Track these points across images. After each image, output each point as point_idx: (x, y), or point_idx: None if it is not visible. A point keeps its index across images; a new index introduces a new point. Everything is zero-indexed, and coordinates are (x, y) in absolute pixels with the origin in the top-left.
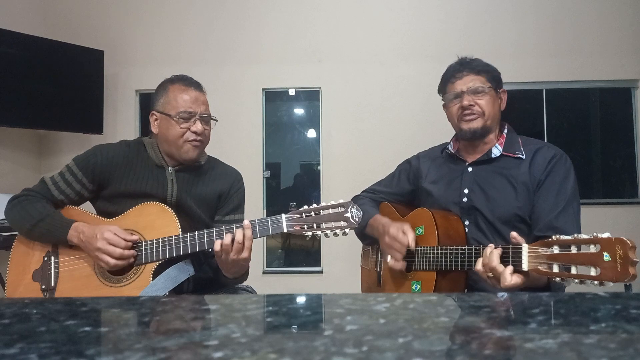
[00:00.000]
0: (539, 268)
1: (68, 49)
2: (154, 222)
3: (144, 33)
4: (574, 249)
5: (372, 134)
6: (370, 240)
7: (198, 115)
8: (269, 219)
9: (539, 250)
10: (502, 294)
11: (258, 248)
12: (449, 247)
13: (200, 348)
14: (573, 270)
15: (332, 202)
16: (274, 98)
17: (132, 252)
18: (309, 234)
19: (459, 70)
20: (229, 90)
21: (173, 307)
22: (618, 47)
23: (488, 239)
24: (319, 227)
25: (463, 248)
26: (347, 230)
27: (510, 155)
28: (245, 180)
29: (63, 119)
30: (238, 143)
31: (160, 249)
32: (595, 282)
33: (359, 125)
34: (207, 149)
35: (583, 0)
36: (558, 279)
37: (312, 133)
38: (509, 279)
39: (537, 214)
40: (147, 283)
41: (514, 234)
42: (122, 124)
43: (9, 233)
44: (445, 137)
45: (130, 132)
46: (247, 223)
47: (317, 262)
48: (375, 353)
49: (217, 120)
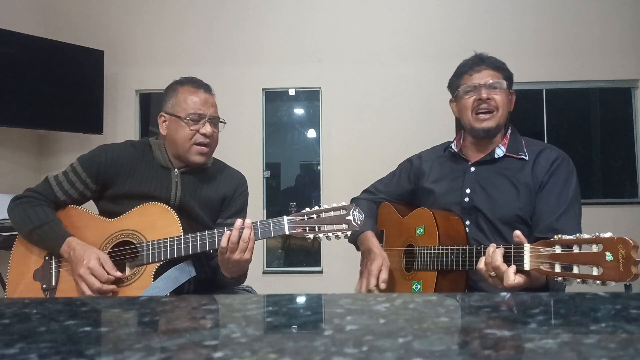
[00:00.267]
0: (541, 267)
1: (68, 49)
2: (156, 222)
3: (144, 33)
4: (576, 249)
5: (372, 134)
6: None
7: (207, 118)
8: (271, 221)
9: (541, 250)
10: (502, 294)
11: (258, 248)
12: (450, 246)
13: (200, 348)
14: (575, 270)
15: (334, 204)
16: (274, 98)
17: (111, 287)
18: (311, 237)
19: (478, 64)
20: (229, 90)
21: (173, 307)
22: (618, 47)
23: (488, 239)
24: (321, 229)
25: (464, 248)
26: (348, 233)
27: (514, 156)
28: None
29: (63, 119)
30: (238, 143)
31: (162, 250)
32: (598, 281)
33: (359, 125)
34: None
35: (583, 0)
36: (560, 279)
37: (312, 133)
38: (512, 278)
39: (538, 216)
40: (148, 283)
41: (518, 233)
42: (122, 124)
43: (9, 233)
44: (445, 137)
45: (130, 132)
46: (248, 222)
47: (317, 262)
48: (375, 353)
49: (225, 123)
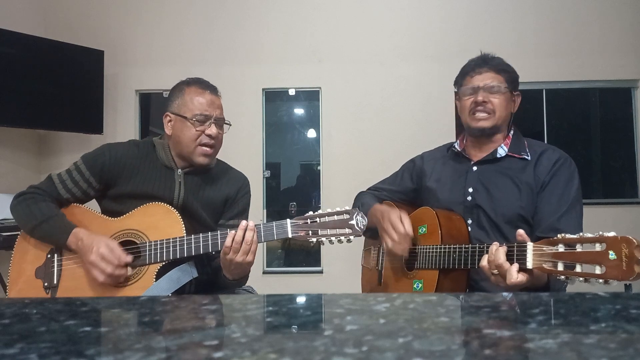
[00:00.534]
0: (544, 266)
1: (68, 49)
2: (159, 222)
3: (144, 33)
4: (579, 248)
5: (372, 134)
6: (371, 233)
7: (213, 119)
8: (274, 224)
9: (544, 249)
10: (502, 294)
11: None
12: (452, 245)
13: (200, 348)
14: (578, 269)
15: (337, 208)
16: (274, 98)
17: (123, 271)
18: (314, 240)
19: (480, 66)
20: (229, 90)
21: (173, 307)
22: (618, 47)
23: (490, 239)
24: (324, 233)
25: (467, 246)
26: (351, 238)
27: (516, 156)
28: None
29: (63, 119)
30: (238, 143)
31: (164, 250)
32: (600, 280)
33: (359, 125)
34: None
35: (583, 0)
36: (562, 277)
37: (312, 133)
38: (515, 276)
39: (540, 216)
40: (150, 284)
41: (520, 232)
42: (122, 124)
43: (9, 233)
44: (445, 136)
45: (130, 132)
46: (252, 224)
47: (317, 262)
48: (375, 353)
49: (230, 125)
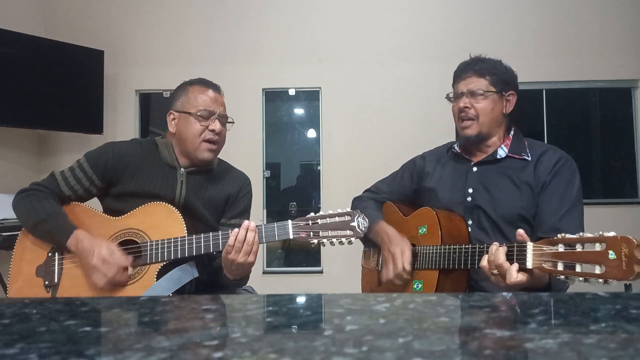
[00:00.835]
0: (544, 266)
1: (68, 49)
2: (160, 222)
3: (144, 33)
4: (579, 248)
5: (372, 134)
6: (372, 244)
7: (217, 115)
8: (276, 225)
9: (544, 248)
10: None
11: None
12: (453, 245)
13: (200, 348)
14: (578, 269)
15: (338, 210)
16: (274, 98)
17: (125, 276)
18: (315, 242)
19: (464, 71)
20: (229, 90)
21: (173, 307)
22: (618, 47)
23: (491, 239)
24: (325, 235)
25: (467, 247)
26: (352, 239)
27: (516, 157)
28: None
29: (63, 119)
30: (238, 143)
31: (165, 250)
32: (600, 280)
33: (359, 125)
34: None
35: (583, 0)
36: (562, 277)
37: (312, 133)
38: (515, 276)
39: (541, 216)
40: (151, 283)
41: (520, 231)
42: (122, 124)
43: (9, 233)
44: (445, 136)
45: (130, 132)
46: (253, 225)
47: (317, 262)
48: (375, 353)
49: (233, 122)
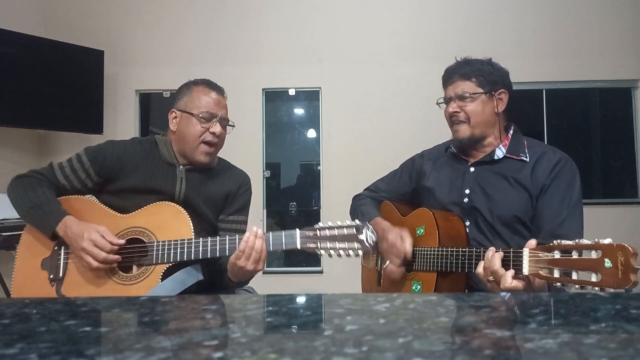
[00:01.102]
0: (540, 273)
1: (68, 49)
2: (168, 222)
3: (144, 33)
4: (575, 254)
5: (372, 134)
6: None
7: (218, 118)
8: (283, 234)
9: (540, 255)
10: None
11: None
12: (450, 248)
13: (200, 348)
14: (574, 276)
15: (347, 222)
16: (274, 98)
17: (116, 257)
18: (322, 252)
19: (450, 76)
20: (229, 90)
21: (173, 307)
22: (618, 47)
23: (489, 240)
24: (333, 246)
25: (464, 250)
26: (359, 252)
27: (514, 157)
28: None
29: (63, 119)
30: (238, 143)
31: (172, 252)
32: (596, 288)
33: (359, 125)
34: None
35: (583, 0)
36: (559, 284)
37: (312, 133)
38: (510, 282)
39: (540, 221)
40: (155, 284)
41: (532, 242)
42: (122, 124)
43: (9, 233)
44: (445, 137)
45: (130, 132)
46: (260, 233)
47: (317, 262)
48: (375, 353)
49: (234, 126)
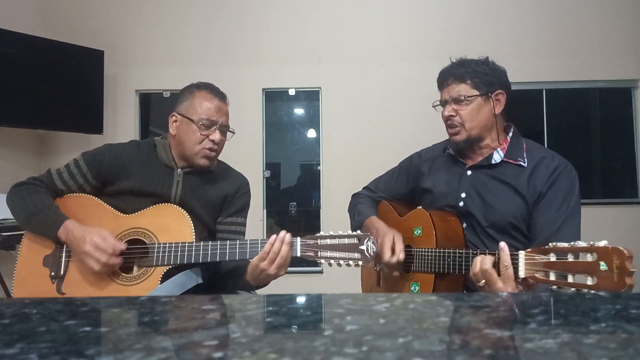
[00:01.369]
0: (536, 275)
1: (68, 49)
2: (170, 225)
3: (144, 33)
4: (571, 257)
5: (372, 134)
6: None
7: (219, 125)
8: None
9: (536, 258)
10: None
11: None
12: (446, 250)
13: (200, 348)
14: (570, 279)
15: (348, 232)
16: (274, 98)
17: (118, 260)
18: (322, 261)
19: (444, 78)
20: (229, 90)
21: (173, 307)
22: (618, 47)
23: (484, 244)
24: (333, 256)
25: (460, 252)
26: (360, 263)
27: (512, 162)
28: None
29: (63, 119)
30: (238, 143)
31: (172, 254)
32: (592, 291)
33: (359, 125)
34: None
35: (583, 0)
36: (555, 287)
37: (312, 133)
38: (501, 285)
39: (536, 228)
40: (155, 285)
41: (502, 245)
42: (122, 124)
43: (9, 233)
44: (445, 137)
45: (130, 132)
46: (288, 238)
47: (317, 262)
48: (375, 353)
49: (234, 133)
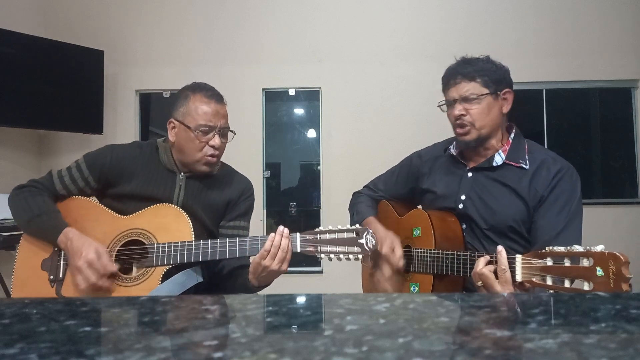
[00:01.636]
0: (533, 280)
1: (68, 49)
2: (169, 225)
3: (144, 33)
4: (568, 262)
5: (372, 134)
6: None
7: (217, 129)
8: None
9: (532, 262)
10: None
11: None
12: (445, 252)
13: (200, 348)
14: (566, 284)
15: (347, 226)
16: (274, 98)
17: (107, 283)
18: (322, 256)
19: (453, 77)
20: (229, 90)
21: (173, 307)
22: (618, 47)
23: (483, 246)
24: (333, 250)
25: (459, 254)
26: (359, 257)
27: (513, 164)
28: None
29: (63, 119)
30: (238, 143)
31: (172, 254)
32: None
33: (359, 125)
34: None
35: (583, 0)
36: (551, 292)
37: (312, 133)
38: (499, 289)
39: (537, 232)
40: (155, 285)
41: (499, 248)
42: (122, 124)
43: (9, 233)
44: (445, 137)
45: (130, 132)
46: (286, 232)
47: (317, 262)
48: (375, 353)
49: (235, 133)
